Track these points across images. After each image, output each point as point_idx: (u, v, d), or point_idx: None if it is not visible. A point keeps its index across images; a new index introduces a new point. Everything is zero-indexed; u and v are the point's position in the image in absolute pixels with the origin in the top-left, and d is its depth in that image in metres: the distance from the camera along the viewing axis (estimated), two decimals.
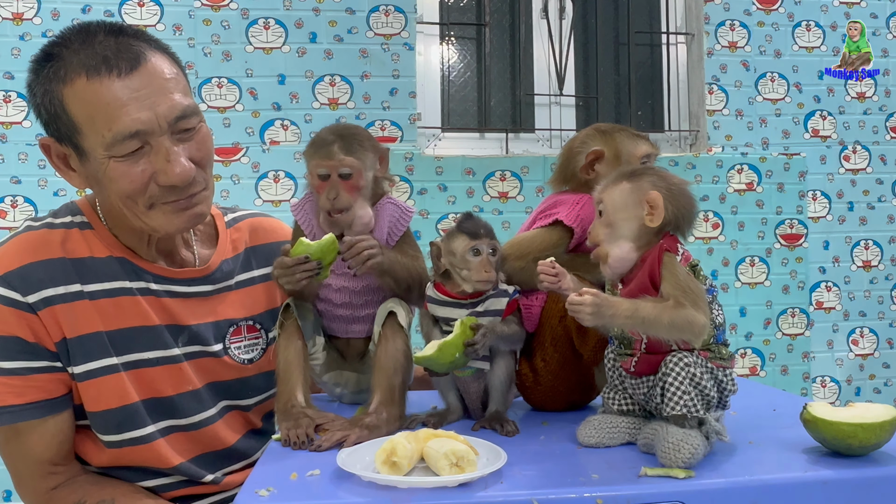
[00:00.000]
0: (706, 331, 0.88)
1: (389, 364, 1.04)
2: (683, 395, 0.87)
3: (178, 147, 1.01)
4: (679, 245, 0.93)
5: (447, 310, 1.06)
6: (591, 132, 1.18)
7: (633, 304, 0.88)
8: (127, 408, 1.08)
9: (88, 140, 0.99)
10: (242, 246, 1.25)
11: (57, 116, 0.99)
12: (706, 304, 0.89)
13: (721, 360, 0.92)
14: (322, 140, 1.07)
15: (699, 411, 0.87)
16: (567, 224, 1.10)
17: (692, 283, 0.89)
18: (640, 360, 0.93)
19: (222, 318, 1.18)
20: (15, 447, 1.08)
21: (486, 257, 1.04)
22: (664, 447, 0.84)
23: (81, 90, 0.97)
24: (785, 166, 2.67)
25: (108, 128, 0.96)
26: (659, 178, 0.96)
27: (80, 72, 0.97)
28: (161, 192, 1.02)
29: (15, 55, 2.27)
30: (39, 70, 1.01)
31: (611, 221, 0.94)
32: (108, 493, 1.08)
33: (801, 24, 2.72)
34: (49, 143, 1.05)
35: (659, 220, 0.92)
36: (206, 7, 2.37)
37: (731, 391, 0.93)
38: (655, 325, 0.87)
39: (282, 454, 0.94)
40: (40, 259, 1.04)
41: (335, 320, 1.14)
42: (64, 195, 2.26)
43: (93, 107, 0.97)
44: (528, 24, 2.71)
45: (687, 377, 0.87)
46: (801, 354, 2.66)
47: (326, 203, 1.05)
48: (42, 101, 1.00)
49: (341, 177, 1.06)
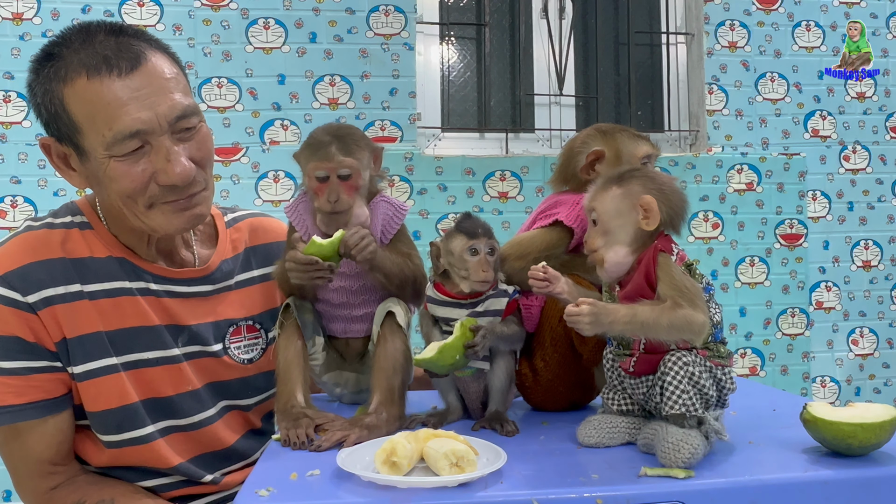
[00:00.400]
0: (706, 329, 0.88)
1: (388, 364, 1.04)
2: (682, 395, 0.87)
3: (179, 147, 1.01)
4: (673, 245, 0.93)
5: (447, 310, 1.06)
6: (591, 132, 1.18)
7: (631, 310, 0.88)
8: (126, 408, 1.07)
9: (89, 139, 0.98)
10: (242, 246, 1.25)
11: (57, 116, 0.99)
12: (704, 303, 0.89)
13: (720, 358, 0.92)
14: (318, 142, 1.07)
15: (698, 410, 0.87)
16: (567, 224, 1.10)
17: (688, 282, 0.89)
18: (638, 360, 0.93)
19: (222, 318, 1.18)
20: (15, 447, 1.08)
21: (484, 257, 1.04)
22: (664, 447, 0.84)
23: (82, 89, 0.97)
24: (785, 166, 2.67)
25: (108, 127, 0.96)
26: (648, 179, 0.96)
27: (80, 71, 0.97)
28: (161, 192, 1.02)
29: (15, 55, 2.27)
30: (40, 70, 1.01)
31: (607, 229, 0.94)
32: (107, 494, 1.08)
33: (801, 24, 2.72)
34: (49, 143, 1.05)
35: (655, 222, 0.93)
36: (206, 7, 2.37)
37: (731, 389, 0.93)
38: (655, 328, 0.88)
39: (282, 454, 0.94)
40: (40, 259, 1.04)
41: (334, 320, 1.14)
42: (64, 195, 2.26)
43: (93, 106, 0.97)
44: (528, 24, 2.71)
45: (686, 376, 0.88)
46: (801, 354, 2.66)
47: (327, 205, 1.05)
48: (42, 100, 1.01)
49: (340, 178, 1.06)
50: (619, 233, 0.94)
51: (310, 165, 1.07)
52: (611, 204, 0.95)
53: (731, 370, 0.94)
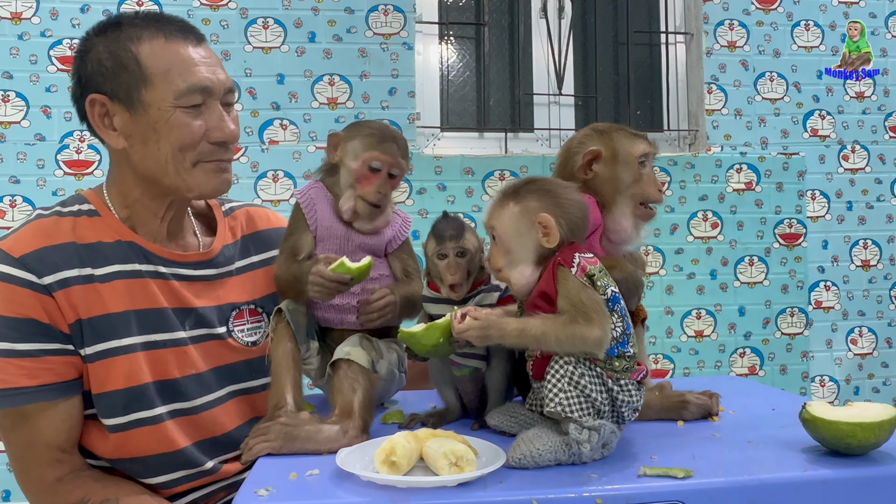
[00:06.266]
0: (604, 343, 0.87)
1: (345, 384, 1.02)
2: (560, 393, 0.87)
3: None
4: (576, 254, 0.91)
5: (439, 307, 1.06)
6: (588, 132, 1.17)
7: (522, 323, 0.89)
8: (134, 389, 1.09)
9: (157, 91, 1.08)
10: (240, 233, 1.30)
11: (123, 69, 1.08)
12: (601, 316, 0.87)
13: (613, 371, 0.89)
14: (384, 135, 1.12)
15: (573, 412, 0.86)
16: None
17: (585, 295, 0.87)
18: (535, 364, 0.93)
19: (225, 301, 1.22)
20: (24, 432, 1.08)
21: (453, 260, 1.03)
22: (516, 439, 0.87)
23: (160, 48, 1.09)
24: (784, 166, 2.67)
25: (182, 79, 1.08)
26: (544, 193, 0.94)
27: (157, 35, 1.10)
28: (209, 150, 1.12)
29: (14, 55, 2.26)
30: (104, 32, 1.11)
31: (508, 248, 0.93)
32: (112, 493, 1.08)
33: (800, 23, 2.72)
34: (98, 99, 1.10)
35: (555, 240, 0.91)
36: (205, 6, 2.37)
37: (627, 403, 0.90)
38: (546, 342, 0.88)
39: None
40: (53, 244, 1.08)
41: (329, 309, 1.14)
42: (63, 195, 2.26)
43: (170, 61, 1.09)
44: (527, 23, 2.71)
45: (565, 376, 0.87)
46: (800, 354, 2.66)
47: (375, 195, 1.10)
48: (104, 57, 1.09)
49: (390, 175, 1.12)
50: (520, 252, 0.92)
51: (369, 153, 1.11)
52: (509, 223, 0.93)
53: (632, 386, 0.91)
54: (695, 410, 1.08)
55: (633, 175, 1.09)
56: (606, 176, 1.09)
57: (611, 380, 0.89)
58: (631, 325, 0.93)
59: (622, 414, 0.92)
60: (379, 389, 1.09)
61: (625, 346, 0.90)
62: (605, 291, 0.89)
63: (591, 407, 0.88)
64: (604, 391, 0.89)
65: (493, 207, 0.96)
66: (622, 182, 1.09)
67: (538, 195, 0.93)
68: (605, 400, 0.89)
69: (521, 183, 0.96)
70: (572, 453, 0.87)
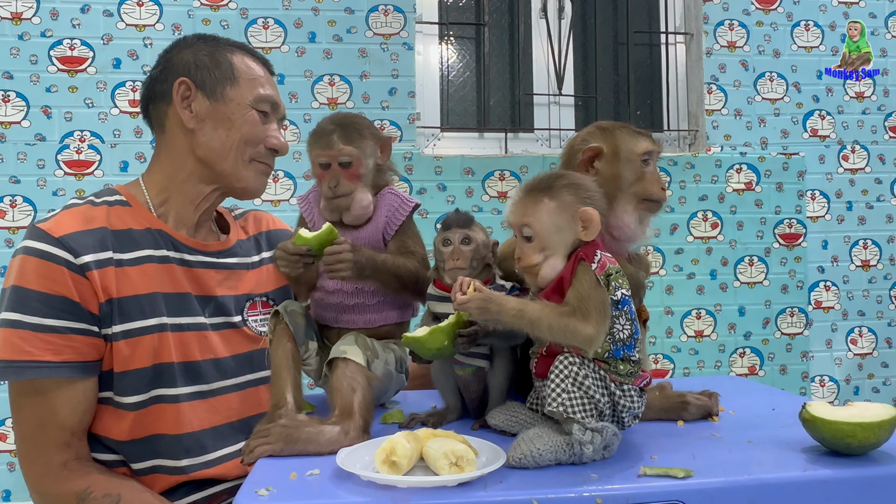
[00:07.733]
0: (595, 342, 0.86)
1: (343, 384, 1.02)
2: (562, 393, 0.87)
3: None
4: (598, 251, 0.91)
5: (444, 305, 1.05)
6: (591, 130, 1.17)
7: (521, 304, 0.89)
8: (160, 366, 1.13)
9: (241, 90, 1.24)
10: (251, 231, 1.38)
11: (216, 67, 1.23)
12: (601, 317, 0.87)
13: (617, 374, 0.90)
14: (322, 130, 1.14)
15: (576, 413, 0.86)
16: None
17: (594, 293, 0.87)
18: (539, 362, 0.93)
19: (240, 292, 1.28)
20: (38, 408, 1.09)
21: (457, 247, 1.03)
22: (516, 439, 0.87)
23: (249, 64, 1.27)
24: (784, 166, 2.67)
25: (262, 89, 1.26)
26: (575, 186, 0.94)
27: (247, 55, 1.28)
28: (264, 153, 1.26)
29: (14, 55, 2.26)
30: (205, 39, 1.28)
31: (546, 245, 0.92)
32: (114, 488, 1.09)
33: (800, 23, 2.72)
34: (186, 82, 1.22)
35: (595, 233, 0.91)
36: (206, 7, 2.36)
37: (628, 409, 0.90)
38: (538, 327, 0.88)
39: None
40: (89, 228, 1.13)
41: (327, 308, 1.15)
42: (63, 195, 2.26)
43: (254, 75, 1.26)
44: (527, 23, 2.71)
45: (569, 376, 0.87)
46: (800, 354, 2.66)
47: (328, 191, 1.11)
48: (200, 54, 1.24)
49: (341, 165, 1.12)
50: (558, 247, 0.92)
51: (313, 153, 1.14)
52: (548, 219, 0.92)
53: (634, 392, 0.91)
54: (695, 410, 1.08)
55: (635, 173, 1.09)
56: (608, 173, 1.08)
57: (614, 383, 0.89)
58: (639, 329, 0.93)
59: (622, 419, 0.92)
60: (376, 389, 1.09)
61: (631, 350, 0.90)
62: (615, 293, 0.89)
63: (594, 408, 0.88)
64: (606, 394, 0.89)
65: (522, 204, 0.94)
66: (624, 180, 1.08)
67: (571, 189, 0.94)
68: (607, 403, 0.89)
69: (550, 178, 0.95)
70: (573, 453, 0.87)
